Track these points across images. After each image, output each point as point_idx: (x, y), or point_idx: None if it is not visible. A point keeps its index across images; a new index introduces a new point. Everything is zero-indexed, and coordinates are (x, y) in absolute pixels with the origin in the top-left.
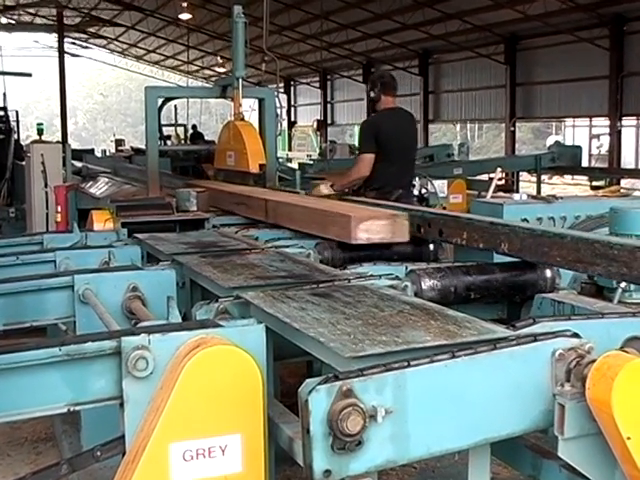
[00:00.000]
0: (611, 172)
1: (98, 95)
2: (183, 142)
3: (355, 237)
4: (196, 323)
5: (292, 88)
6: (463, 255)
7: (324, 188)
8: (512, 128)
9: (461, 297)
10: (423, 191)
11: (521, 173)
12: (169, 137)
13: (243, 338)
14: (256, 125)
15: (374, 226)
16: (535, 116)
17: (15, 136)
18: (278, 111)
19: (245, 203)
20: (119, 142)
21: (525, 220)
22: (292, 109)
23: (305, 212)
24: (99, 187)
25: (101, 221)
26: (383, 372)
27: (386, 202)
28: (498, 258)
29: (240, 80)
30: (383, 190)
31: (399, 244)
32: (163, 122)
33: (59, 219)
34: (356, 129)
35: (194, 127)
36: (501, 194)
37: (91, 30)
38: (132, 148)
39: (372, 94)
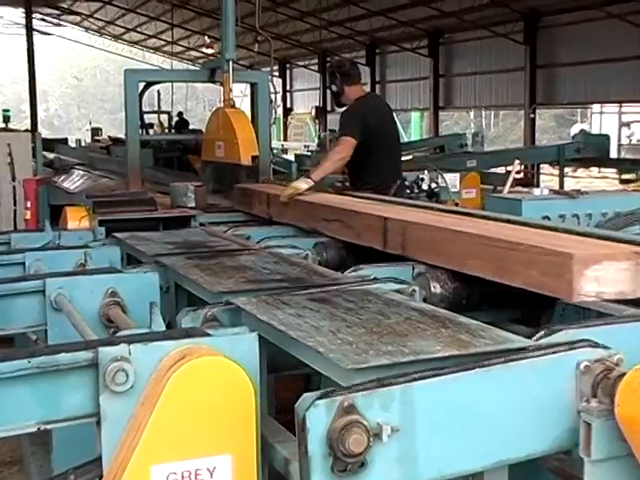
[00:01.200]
0: None
1: (72, 78)
2: (167, 131)
3: (579, 291)
4: (181, 332)
5: (288, 71)
6: None
7: (302, 183)
8: (532, 115)
9: (475, 303)
10: (433, 185)
11: (542, 165)
12: (151, 126)
13: (234, 348)
14: (248, 112)
15: (609, 273)
16: (558, 102)
17: None
18: (272, 97)
19: (341, 220)
20: (95, 131)
21: (546, 218)
22: (288, 95)
23: (466, 242)
24: (73, 181)
25: (76, 219)
26: (389, 386)
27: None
28: None
29: (230, 62)
30: (381, 186)
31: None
32: (145, 109)
33: (29, 216)
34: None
35: (180, 115)
36: (519, 189)
37: (63, 5)
38: (110, 138)
39: (334, 88)
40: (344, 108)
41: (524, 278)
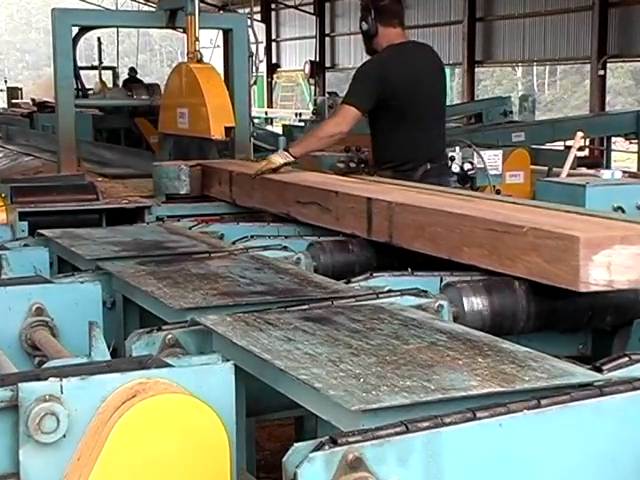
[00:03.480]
0: None
1: None
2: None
3: (586, 280)
4: (132, 362)
5: (273, 14)
6: None
7: (278, 157)
8: (601, 72)
9: (523, 323)
10: (467, 167)
11: (614, 139)
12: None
13: (201, 383)
14: (220, 70)
15: (622, 258)
16: (637, 54)
17: None
18: (253, 48)
19: (318, 202)
20: (13, 92)
21: (619, 209)
22: (273, 45)
23: (461, 226)
24: None
25: None
26: (407, 433)
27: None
28: None
29: (196, 1)
30: (403, 166)
31: None
32: (81, 64)
33: None
34: None
35: (132, 71)
36: (583, 170)
37: None
38: (34, 102)
39: (364, 26)
40: (364, 62)
41: (526, 266)
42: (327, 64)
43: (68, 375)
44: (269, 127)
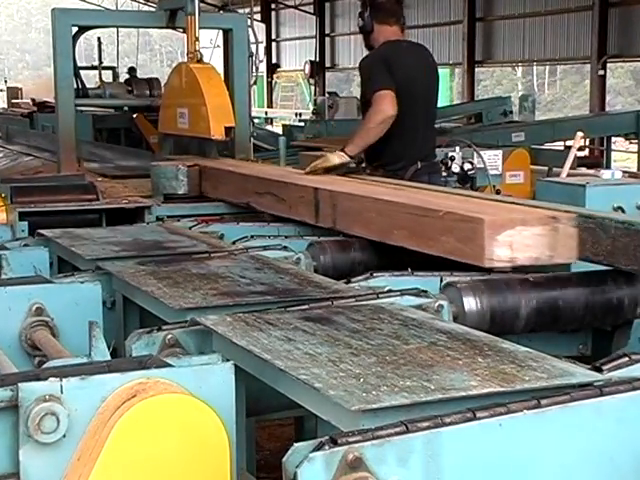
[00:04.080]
0: None
1: None
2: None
3: (490, 257)
4: (132, 362)
5: (273, 14)
6: None
7: (334, 157)
8: (601, 72)
9: (523, 323)
10: (467, 167)
11: (614, 139)
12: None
13: (202, 383)
14: (220, 70)
15: (522, 237)
16: (637, 54)
17: None
18: (253, 48)
19: (273, 192)
20: (14, 92)
21: (619, 209)
22: (273, 45)
23: (391, 210)
24: None
25: None
26: (408, 433)
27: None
28: (578, 266)
29: (197, 1)
30: (394, 165)
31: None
32: (82, 64)
33: None
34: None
35: (132, 71)
36: (583, 170)
37: None
38: (34, 102)
39: (360, 22)
40: (363, 57)
41: (444, 246)
42: (327, 64)
43: (68, 375)
44: (269, 127)
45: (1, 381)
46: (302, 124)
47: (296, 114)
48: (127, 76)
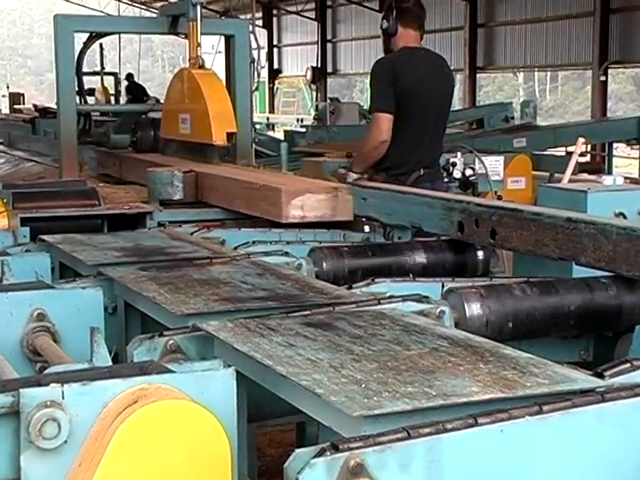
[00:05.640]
0: None
1: None
2: (113, 99)
3: (287, 215)
4: (133, 367)
5: (275, 20)
6: (527, 267)
7: (349, 178)
8: (603, 77)
9: (524, 329)
10: (468, 172)
11: (616, 145)
12: (92, 91)
13: (203, 389)
14: (222, 75)
15: (310, 201)
16: (638, 59)
17: None
18: (254, 54)
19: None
20: (16, 97)
21: (621, 215)
22: (275, 51)
23: (230, 185)
24: None
25: None
26: (409, 439)
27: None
28: (579, 272)
29: (198, 7)
30: (396, 170)
31: (430, 249)
32: (83, 69)
33: None
34: (368, 81)
35: (130, 77)
36: (585, 176)
37: None
38: (36, 107)
39: (384, 24)
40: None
41: (260, 209)
42: (329, 70)
43: (69, 381)
44: (271, 133)
45: (2, 387)
46: (304, 130)
47: (298, 120)
48: (126, 82)
